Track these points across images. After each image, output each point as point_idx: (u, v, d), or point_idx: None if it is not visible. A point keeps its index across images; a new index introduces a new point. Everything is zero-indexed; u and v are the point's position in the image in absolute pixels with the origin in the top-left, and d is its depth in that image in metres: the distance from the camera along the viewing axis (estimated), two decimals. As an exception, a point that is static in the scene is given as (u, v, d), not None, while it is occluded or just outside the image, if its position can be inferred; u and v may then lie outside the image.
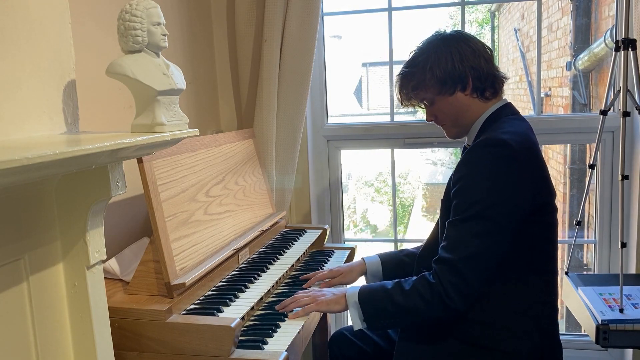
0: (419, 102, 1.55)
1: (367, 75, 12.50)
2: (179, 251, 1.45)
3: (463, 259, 1.34)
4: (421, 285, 1.38)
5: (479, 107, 1.50)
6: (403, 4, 2.59)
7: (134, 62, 1.08)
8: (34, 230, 0.99)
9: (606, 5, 3.71)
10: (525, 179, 1.36)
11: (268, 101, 2.19)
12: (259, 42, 2.20)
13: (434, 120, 1.56)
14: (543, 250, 1.43)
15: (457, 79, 1.46)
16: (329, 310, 1.48)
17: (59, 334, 1.05)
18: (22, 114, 0.99)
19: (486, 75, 1.47)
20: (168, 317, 1.31)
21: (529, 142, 1.41)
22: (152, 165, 1.43)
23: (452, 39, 1.49)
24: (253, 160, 2.06)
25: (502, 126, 1.43)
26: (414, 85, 1.50)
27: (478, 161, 1.38)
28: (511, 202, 1.34)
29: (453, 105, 1.49)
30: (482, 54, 1.49)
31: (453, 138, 1.58)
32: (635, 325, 1.71)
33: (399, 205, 9.58)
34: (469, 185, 1.37)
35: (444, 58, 1.46)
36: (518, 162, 1.35)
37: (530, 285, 1.41)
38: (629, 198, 2.17)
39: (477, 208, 1.34)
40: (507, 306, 1.41)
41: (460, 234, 1.36)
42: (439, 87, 1.47)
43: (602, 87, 3.74)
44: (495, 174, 1.35)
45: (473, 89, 1.48)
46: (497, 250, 1.35)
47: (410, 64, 1.51)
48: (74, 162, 0.86)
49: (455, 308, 1.34)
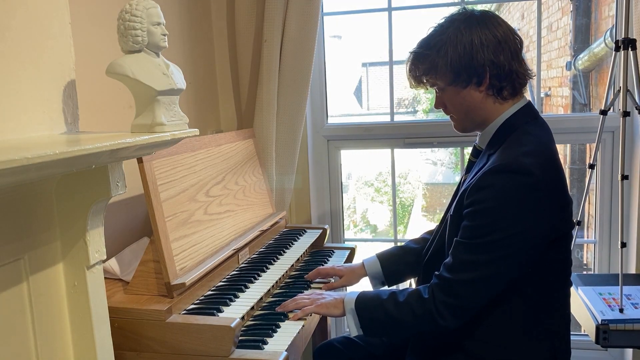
0: (430, 86, 1.42)
1: (367, 75, 12.49)
2: (179, 251, 1.44)
3: (463, 282, 1.28)
4: (414, 300, 1.35)
5: (493, 107, 1.37)
6: (403, 4, 2.59)
7: (134, 62, 1.08)
8: (34, 230, 0.99)
9: (606, 5, 3.71)
10: (544, 211, 1.26)
11: (268, 101, 2.19)
12: (259, 42, 2.20)
13: (442, 109, 1.44)
14: (556, 272, 1.36)
15: (473, 72, 1.32)
16: (327, 313, 1.47)
17: (59, 334, 1.05)
18: (22, 114, 0.99)
19: (507, 72, 1.32)
20: (168, 317, 1.31)
21: (551, 163, 1.30)
22: (152, 165, 1.43)
23: (477, 22, 1.32)
24: (253, 160, 2.06)
25: (522, 140, 1.31)
26: (425, 69, 1.38)
27: (496, 187, 1.25)
28: (527, 233, 1.25)
29: (465, 99, 1.36)
30: (508, 45, 1.32)
31: (460, 132, 1.46)
32: (635, 325, 1.71)
33: (399, 205, 9.58)
34: (483, 211, 1.26)
35: (463, 45, 1.31)
36: (540, 192, 1.24)
37: (543, 305, 1.35)
38: (629, 198, 2.17)
39: (487, 238, 1.26)
40: (517, 326, 1.35)
41: (465, 257, 1.29)
42: (452, 76, 1.34)
43: (602, 87, 3.74)
44: (513, 203, 1.24)
45: (489, 86, 1.34)
46: (501, 279, 1.29)
47: (426, 44, 1.37)
48: (74, 162, 0.86)
49: (445, 326, 1.30)
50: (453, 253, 1.32)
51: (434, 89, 1.43)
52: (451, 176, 10.16)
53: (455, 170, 9.90)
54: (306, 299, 1.50)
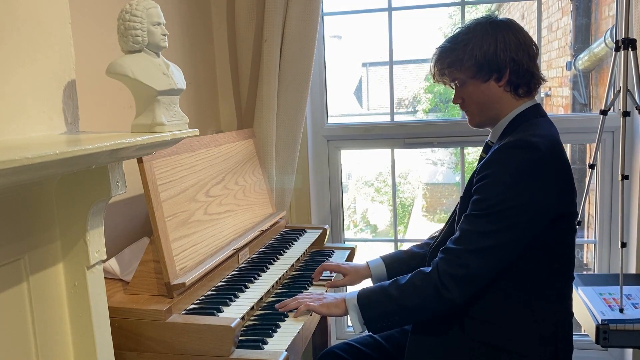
0: (451, 81, 1.50)
1: (367, 75, 12.49)
2: (179, 251, 1.44)
3: (470, 251, 1.32)
4: (416, 278, 1.38)
5: (509, 102, 1.45)
6: (403, 4, 2.59)
7: (134, 62, 1.08)
8: (34, 230, 0.99)
9: (606, 5, 3.71)
10: (551, 186, 1.32)
11: (268, 101, 2.19)
12: (259, 42, 2.20)
13: (459, 104, 1.51)
14: (561, 255, 1.40)
15: (495, 67, 1.41)
16: (329, 313, 1.47)
17: (59, 334, 1.05)
18: (22, 114, 0.99)
19: (525, 71, 1.42)
20: (168, 317, 1.31)
21: (558, 149, 1.37)
22: (152, 165, 1.43)
23: (502, 25, 1.43)
24: (253, 160, 2.06)
25: (531, 128, 1.39)
26: (450, 62, 1.45)
27: (505, 161, 1.33)
28: (533, 206, 1.30)
29: (484, 93, 1.44)
30: (528, 48, 1.43)
31: (474, 126, 1.53)
32: (635, 325, 1.71)
33: (399, 205, 9.58)
34: (493, 184, 1.33)
35: (488, 42, 1.41)
36: (547, 167, 1.32)
37: (547, 290, 1.38)
38: (629, 198, 2.17)
39: (497, 207, 1.31)
40: (522, 309, 1.37)
41: (474, 228, 1.34)
42: (475, 70, 1.42)
43: (602, 87, 3.74)
44: (521, 176, 1.31)
45: (508, 82, 1.42)
46: (508, 251, 1.32)
47: (453, 40, 1.46)
48: (74, 162, 0.86)
49: (451, 298, 1.32)
50: (461, 227, 1.37)
51: (453, 85, 1.51)
52: (451, 176, 10.16)
53: (455, 171, 9.90)
54: (307, 297, 1.50)
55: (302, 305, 1.47)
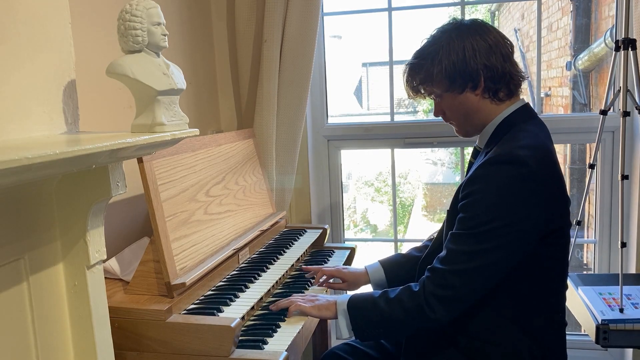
0: (428, 95, 1.45)
1: (367, 75, 12.48)
2: (179, 251, 1.45)
3: (456, 272, 1.28)
4: (404, 295, 1.35)
5: (491, 108, 1.39)
6: (403, 4, 2.59)
7: (134, 62, 1.08)
8: (34, 230, 0.99)
9: (606, 5, 3.71)
10: (540, 202, 1.26)
11: (268, 101, 2.19)
12: (259, 42, 2.20)
13: (442, 117, 1.46)
14: (553, 270, 1.36)
15: (468, 77, 1.35)
16: (320, 315, 1.45)
17: (59, 334, 1.05)
18: (22, 114, 0.99)
19: (501, 74, 1.36)
20: (168, 317, 1.31)
21: (547, 157, 1.31)
22: (152, 165, 1.43)
23: (468, 30, 1.37)
24: (253, 160, 2.06)
25: (518, 136, 1.33)
26: (421, 79, 1.41)
27: (491, 178, 1.27)
28: (521, 225, 1.25)
29: (462, 104, 1.39)
30: (500, 49, 1.36)
31: (463, 136, 1.48)
32: (635, 325, 1.71)
33: (399, 205, 9.58)
34: (478, 201, 1.28)
35: (455, 52, 1.34)
36: (535, 183, 1.26)
37: (539, 306, 1.35)
38: (629, 198, 2.17)
39: (483, 227, 1.26)
40: (508, 324, 1.35)
41: (460, 248, 1.29)
42: (448, 83, 1.37)
43: (602, 87, 3.74)
44: (508, 193, 1.25)
45: (485, 90, 1.37)
46: (495, 270, 1.28)
47: (420, 55, 1.41)
48: (74, 162, 0.86)
49: (436, 319, 1.30)
50: (447, 246, 1.33)
51: (432, 98, 1.46)
52: (451, 176, 10.16)
53: (455, 171, 9.90)
54: (300, 298, 1.49)
55: (292, 305, 1.46)
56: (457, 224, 1.33)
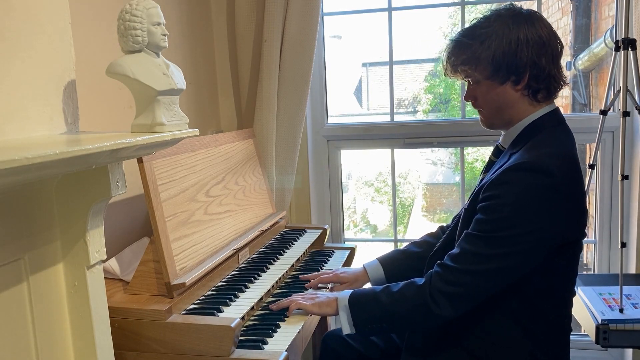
0: (464, 77, 1.39)
1: (367, 75, 12.48)
2: (179, 251, 1.44)
3: (467, 272, 1.27)
4: (407, 289, 1.34)
5: (526, 107, 1.35)
6: (403, 4, 2.59)
7: (134, 62, 1.08)
8: (34, 230, 0.99)
9: (606, 5, 3.71)
10: (561, 214, 1.25)
11: (268, 101, 2.19)
12: (259, 42, 2.20)
13: (472, 102, 1.42)
14: (562, 277, 1.35)
15: (514, 70, 1.30)
16: (320, 312, 1.45)
17: (59, 334, 1.05)
18: (22, 114, 0.99)
19: (546, 75, 1.32)
20: (168, 317, 1.31)
21: (573, 167, 1.29)
22: (152, 165, 1.43)
23: (525, 20, 1.31)
24: (253, 160, 2.06)
25: (547, 143, 1.30)
26: (464, 59, 1.35)
27: (515, 185, 1.24)
28: (538, 235, 1.24)
29: (499, 95, 1.35)
30: (551, 47, 1.32)
31: (487, 127, 1.44)
32: (635, 325, 1.71)
33: (399, 205, 9.58)
34: (499, 206, 1.25)
35: (508, 40, 1.29)
36: (558, 194, 1.24)
37: (544, 309, 1.34)
38: (629, 198, 2.17)
39: (500, 232, 1.25)
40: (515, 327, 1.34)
41: (473, 248, 1.28)
42: (491, 71, 1.32)
43: (602, 87, 3.74)
44: (530, 202, 1.23)
45: (526, 87, 1.32)
46: (505, 276, 1.28)
47: (469, 34, 1.34)
48: (74, 162, 0.86)
49: (439, 314, 1.29)
50: (461, 245, 1.31)
51: (467, 81, 1.41)
52: (451, 176, 10.15)
53: (455, 171, 9.90)
54: (300, 297, 1.49)
55: (293, 303, 1.46)
56: (474, 224, 1.31)
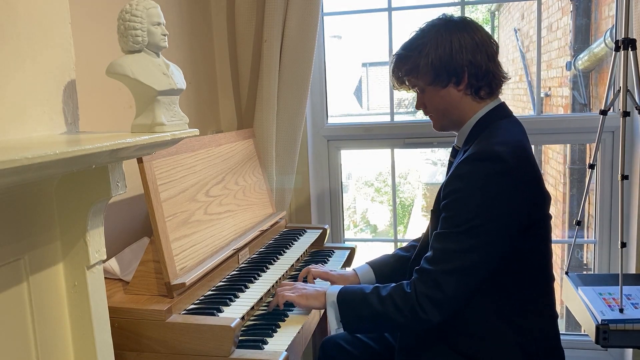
0: (411, 87, 1.48)
1: (367, 75, 12.48)
2: (179, 251, 1.45)
3: (445, 272, 1.30)
4: (396, 294, 1.35)
5: (471, 106, 1.42)
6: (403, 4, 2.59)
7: (134, 62, 1.08)
8: (34, 230, 0.99)
9: (606, 5, 3.71)
10: (519, 195, 1.30)
11: (268, 101, 2.19)
12: (259, 42, 2.20)
13: (422, 109, 1.50)
14: (536, 262, 1.38)
15: (452, 72, 1.38)
16: (307, 305, 1.46)
17: (59, 334, 1.05)
18: (22, 114, 0.99)
19: (484, 72, 1.39)
20: (168, 317, 1.31)
21: (523, 152, 1.34)
22: (152, 165, 1.43)
23: (456, 26, 1.40)
24: (253, 160, 2.06)
25: (495, 133, 1.36)
26: (407, 70, 1.44)
27: (470, 175, 1.30)
28: (503, 220, 1.28)
29: (444, 98, 1.42)
30: (486, 47, 1.40)
31: (439, 130, 1.51)
32: (635, 325, 1.71)
33: (399, 205, 9.58)
34: (460, 200, 1.31)
35: (442, 46, 1.37)
36: (513, 177, 1.29)
37: (525, 297, 1.37)
38: (629, 198, 2.17)
39: (466, 225, 1.29)
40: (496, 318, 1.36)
41: (446, 246, 1.31)
42: (432, 76, 1.40)
43: (602, 87, 3.74)
44: (487, 190, 1.28)
45: (467, 86, 1.40)
46: (483, 267, 1.31)
47: (408, 46, 1.44)
48: (74, 162, 0.86)
49: (427, 319, 1.31)
50: (433, 246, 1.35)
51: (414, 91, 1.49)
52: (451, 176, 10.14)
53: (455, 170, 9.88)
54: (288, 289, 1.50)
55: (279, 297, 1.46)
56: (441, 224, 1.35)
